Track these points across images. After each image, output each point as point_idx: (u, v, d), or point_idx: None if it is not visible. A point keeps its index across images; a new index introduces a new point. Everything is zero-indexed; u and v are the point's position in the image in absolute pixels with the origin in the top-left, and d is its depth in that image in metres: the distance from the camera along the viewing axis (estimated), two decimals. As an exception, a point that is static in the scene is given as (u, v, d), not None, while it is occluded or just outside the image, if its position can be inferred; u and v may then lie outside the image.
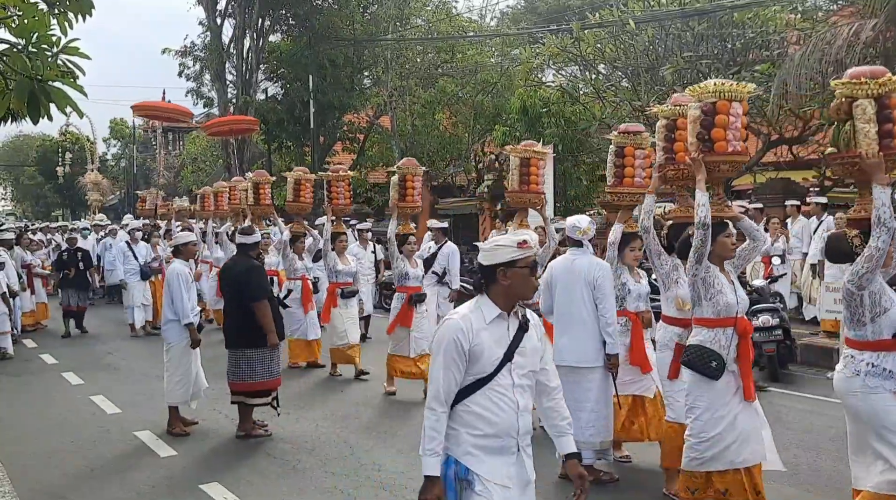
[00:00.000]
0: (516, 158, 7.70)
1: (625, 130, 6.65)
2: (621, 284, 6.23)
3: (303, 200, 11.19)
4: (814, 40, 12.28)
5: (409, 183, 9.16)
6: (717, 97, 4.99)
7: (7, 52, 4.22)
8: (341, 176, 10.55)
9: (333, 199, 10.37)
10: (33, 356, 12.22)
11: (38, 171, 57.08)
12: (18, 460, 6.95)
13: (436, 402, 3.34)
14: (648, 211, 5.68)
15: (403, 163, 9.56)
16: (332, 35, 25.14)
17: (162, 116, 21.19)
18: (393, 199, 9.22)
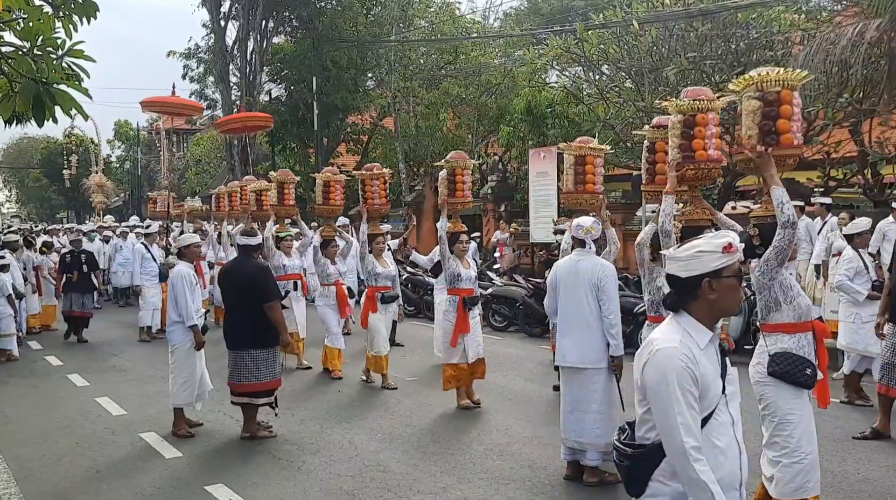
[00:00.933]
0: (570, 156, 7.02)
1: (658, 125, 6.19)
2: (657, 287, 5.76)
3: (332, 202, 10.63)
4: (818, 41, 12.27)
5: (458, 177, 8.64)
6: (781, 86, 4.69)
7: (12, 54, 4.23)
8: (376, 174, 10.02)
9: (368, 199, 9.92)
10: (39, 358, 12.25)
11: (42, 173, 57.28)
12: (24, 461, 6.97)
13: (696, 448, 2.71)
14: (669, 214, 5.32)
15: (453, 156, 8.89)
16: (335, 37, 25.20)
17: (171, 112, 20.46)
18: (442, 195, 8.71)
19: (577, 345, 6.03)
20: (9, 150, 65.70)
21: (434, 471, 6.40)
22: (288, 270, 10.72)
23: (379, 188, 9.91)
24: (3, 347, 11.93)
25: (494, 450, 6.94)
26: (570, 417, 6.03)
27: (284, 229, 11.25)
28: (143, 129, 49.22)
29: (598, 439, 5.90)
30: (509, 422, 7.73)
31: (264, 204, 12.04)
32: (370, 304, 9.43)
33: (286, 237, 10.95)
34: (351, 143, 28.59)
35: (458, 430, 7.61)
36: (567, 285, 6.12)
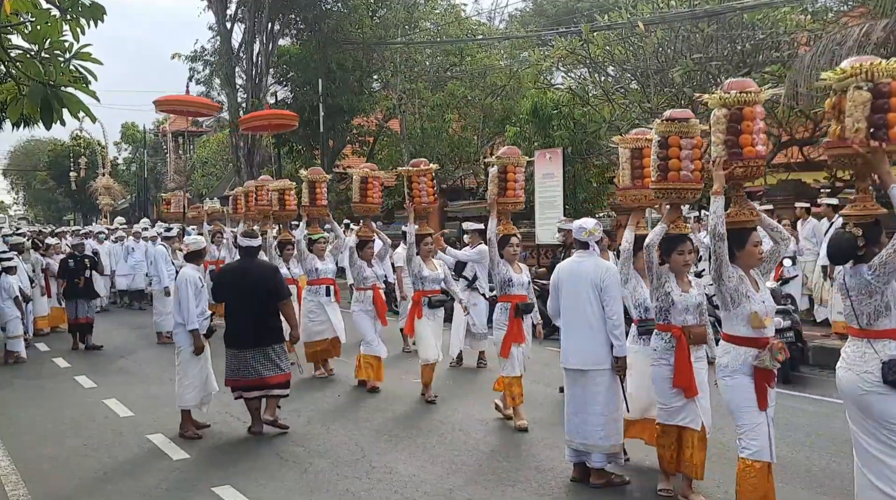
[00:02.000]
0: (626, 149, 6.18)
1: (671, 117, 5.59)
2: (665, 293, 5.50)
3: (370, 200, 9.83)
4: (824, 41, 12.25)
5: (510, 175, 7.86)
6: (892, 78, 4.36)
7: (20, 57, 4.25)
8: (423, 170, 9.17)
9: (415, 197, 9.13)
10: (46, 360, 12.29)
11: (49, 175, 57.48)
12: (33, 462, 7.01)
13: None
14: (721, 215, 4.88)
15: (504, 152, 8.12)
16: (341, 39, 25.23)
17: (186, 111, 19.50)
18: (491, 194, 7.90)
19: (579, 346, 6.01)
20: (16, 152, 65.97)
21: (440, 473, 6.40)
22: (321, 274, 10.28)
23: (426, 185, 9.16)
24: (11, 348, 12.00)
25: (500, 452, 6.94)
26: (575, 419, 6.02)
27: (317, 231, 10.77)
28: (149, 131, 49.40)
29: (603, 441, 5.88)
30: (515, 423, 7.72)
31: (287, 204, 11.54)
32: (416, 309, 8.91)
33: (319, 240, 10.49)
34: (357, 145, 28.62)
35: (465, 432, 7.61)
36: (569, 287, 6.11)
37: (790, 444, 6.92)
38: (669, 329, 5.52)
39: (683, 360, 5.44)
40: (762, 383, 4.89)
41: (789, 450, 6.75)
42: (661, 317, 5.57)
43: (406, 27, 25.65)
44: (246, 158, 26.76)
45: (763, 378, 4.89)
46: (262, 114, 21.60)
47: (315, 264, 10.26)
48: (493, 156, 7.85)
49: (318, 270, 10.27)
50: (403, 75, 24.69)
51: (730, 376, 4.93)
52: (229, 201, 15.28)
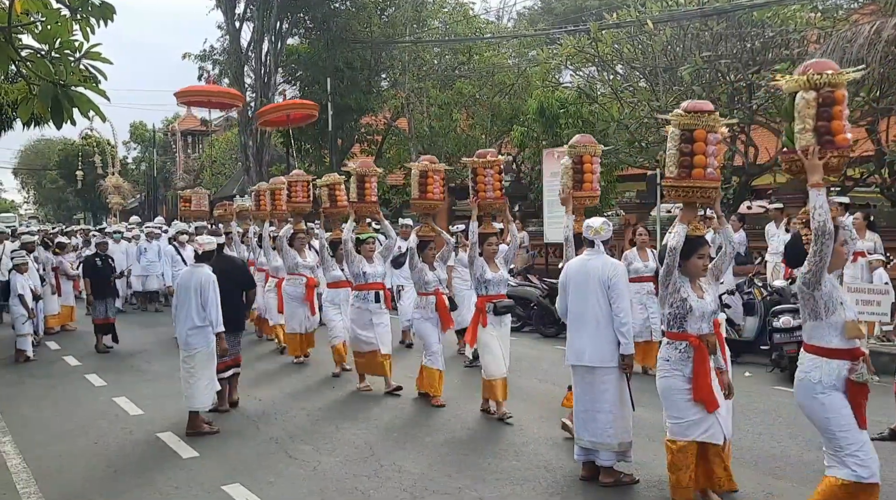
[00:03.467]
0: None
1: (697, 109, 5.22)
2: (681, 299, 5.22)
3: (431, 195, 8.93)
4: (834, 39, 12.19)
5: (586, 166, 7.14)
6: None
7: (31, 57, 4.27)
8: (491, 162, 8.36)
9: (480, 191, 8.30)
10: (57, 359, 12.34)
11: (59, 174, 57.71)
12: (44, 460, 7.04)
13: None
14: (827, 210, 4.48)
15: (578, 140, 7.31)
16: (349, 38, 25.25)
17: (209, 103, 18.53)
18: (566, 188, 7.19)
19: (587, 344, 6.01)
20: (26, 151, 66.29)
21: (449, 471, 6.41)
22: (369, 277, 9.36)
23: (493, 179, 8.34)
24: (19, 347, 12.03)
25: (509, 450, 6.94)
26: (583, 417, 6.02)
27: (366, 230, 9.87)
28: (159, 130, 49.56)
29: (612, 439, 5.88)
30: (524, 422, 7.71)
31: (338, 200, 10.56)
32: (480, 316, 8.03)
33: (368, 240, 9.57)
34: (365, 143, 28.66)
35: (473, 430, 7.62)
36: (577, 285, 6.11)
37: (799, 443, 6.90)
38: (685, 338, 5.25)
39: (704, 372, 5.18)
40: (858, 399, 4.52)
41: (799, 450, 6.74)
42: (674, 325, 5.30)
43: (414, 26, 25.64)
44: (255, 157, 26.83)
45: (858, 394, 4.52)
46: (279, 105, 20.31)
47: (363, 267, 9.38)
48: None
49: (367, 273, 9.37)
50: (411, 74, 24.70)
51: (824, 393, 4.53)
52: (252, 197, 14.45)
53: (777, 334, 9.48)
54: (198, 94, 18.06)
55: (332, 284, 10.43)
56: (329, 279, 10.44)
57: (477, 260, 8.10)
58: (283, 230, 11.52)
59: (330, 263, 10.22)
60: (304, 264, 11.29)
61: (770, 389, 8.96)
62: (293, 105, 19.72)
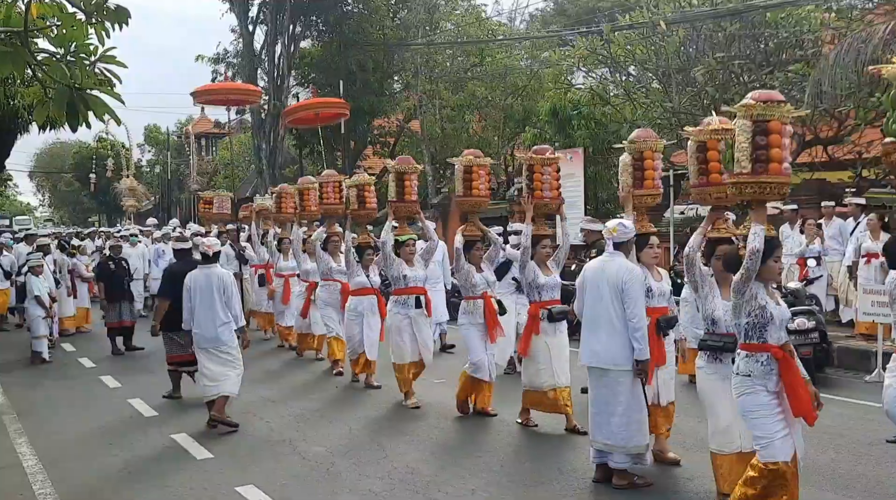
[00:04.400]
0: (693, 142, 5.64)
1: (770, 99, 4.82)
2: (760, 307, 4.76)
3: (477, 192, 8.33)
4: (849, 39, 12.12)
5: (647, 162, 6.69)
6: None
7: (47, 61, 4.29)
8: (549, 159, 7.77)
9: (536, 190, 7.69)
10: (72, 360, 12.42)
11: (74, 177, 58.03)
12: (59, 461, 7.09)
13: None
14: None
15: (639, 135, 6.85)
16: (362, 40, 25.29)
17: (227, 100, 17.75)
18: (626, 186, 6.80)
19: (601, 346, 5.99)
20: (42, 155, 66.73)
21: (463, 473, 6.40)
22: (409, 281, 8.72)
23: (551, 177, 7.75)
24: (35, 349, 12.10)
25: (523, 452, 6.93)
26: (597, 419, 6.01)
27: (405, 232, 9.19)
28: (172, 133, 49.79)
29: (626, 441, 5.85)
30: (538, 424, 7.69)
31: (367, 202, 9.96)
32: (534, 324, 7.48)
33: (408, 242, 8.94)
34: (377, 145, 28.72)
35: (487, 432, 7.61)
36: (592, 287, 6.09)
37: (815, 446, 6.84)
38: (766, 349, 4.78)
39: (799, 384, 4.77)
40: None
41: (814, 452, 6.68)
42: (754, 335, 4.80)
43: (427, 28, 25.67)
44: (268, 160, 26.92)
45: None
46: (308, 103, 19.38)
47: (403, 271, 8.72)
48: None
49: (407, 277, 8.72)
50: (424, 76, 24.72)
51: None
52: (272, 198, 13.78)
53: (792, 335, 9.37)
54: (215, 92, 17.59)
55: (356, 291, 9.82)
56: (354, 285, 9.87)
57: (529, 264, 7.61)
58: (316, 234, 11.10)
59: (356, 268, 9.74)
60: (339, 269, 10.54)
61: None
62: (323, 103, 18.79)
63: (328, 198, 10.99)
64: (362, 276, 9.74)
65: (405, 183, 8.96)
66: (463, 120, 25.06)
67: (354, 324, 9.71)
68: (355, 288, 9.82)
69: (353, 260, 9.69)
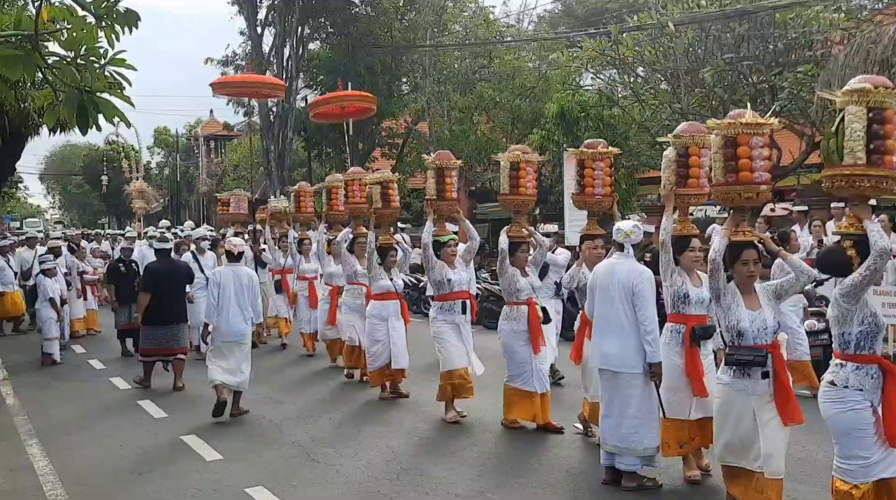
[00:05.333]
0: (719, 138, 5.33)
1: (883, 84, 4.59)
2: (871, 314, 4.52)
3: (523, 190, 7.77)
4: (858, 40, 12.08)
5: (693, 159, 6.14)
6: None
7: (57, 64, 4.31)
8: (602, 153, 7.21)
9: (587, 186, 7.25)
10: (82, 362, 12.46)
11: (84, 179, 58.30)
12: (69, 463, 7.11)
13: None
14: None
15: (685, 129, 6.27)
16: (370, 42, 25.36)
17: (247, 92, 17.12)
18: (669, 184, 6.16)
19: (612, 349, 5.96)
20: (52, 157, 67.06)
21: (472, 475, 6.40)
22: (454, 285, 8.12)
23: (603, 173, 7.20)
24: (46, 351, 12.16)
25: (532, 454, 6.92)
26: (608, 421, 5.99)
27: (445, 232, 8.50)
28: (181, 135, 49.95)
29: (636, 444, 5.84)
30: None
31: (391, 200, 9.51)
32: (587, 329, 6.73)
33: (449, 242, 8.31)
34: (386, 147, 28.76)
35: (496, 434, 7.60)
36: (603, 289, 6.05)
37: (825, 448, 6.81)
38: (876, 361, 4.48)
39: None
40: None
41: (824, 454, 6.65)
42: (866, 345, 4.49)
43: (435, 30, 25.69)
44: (276, 162, 26.99)
45: None
46: (334, 96, 17.87)
47: (446, 274, 8.14)
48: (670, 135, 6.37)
49: (451, 280, 8.13)
50: (432, 78, 24.74)
51: None
52: (291, 199, 13.22)
53: (802, 337, 9.38)
54: (236, 84, 16.89)
55: (379, 295, 9.18)
56: (376, 290, 9.22)
57: (576, 266, 7.28)
58: (342, 234, 10.42)
59: (378, 271, 9.17)
60: (364, 273, 9.89)
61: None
62: (349, 97, 17.66)
63: (354, 197, 10.44)
64: (385, 279, 9.15)
65: (446, 180, 8.36)
66: (471, 122, 25.07)
67: (378, 330, 9.08)
68: (378, 292, 9.20)
69: (376, 262, 9.17)
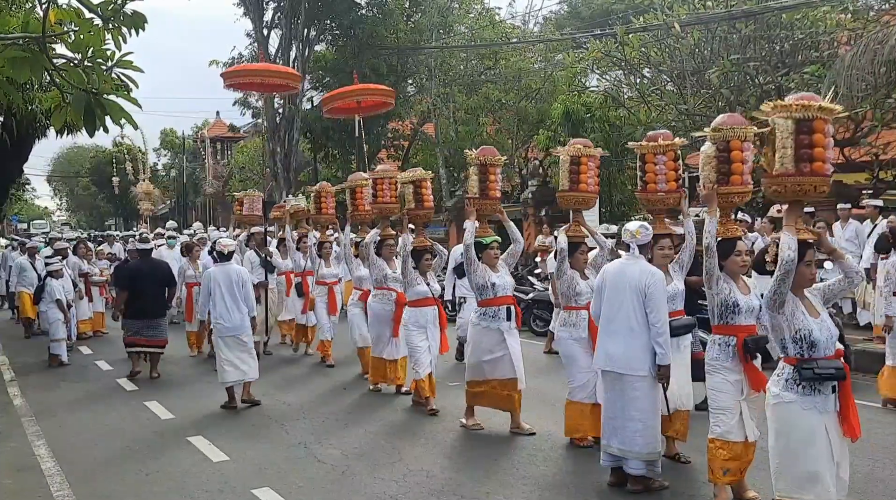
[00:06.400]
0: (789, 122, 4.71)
1: None
2: None
3: (584, 187, 7.21)
4: (865, 40, 12.06)
5: (735, 154, 5.58)
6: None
7: (64, 66, 4.33)
8: (665, 146, 6.66)
9: (649, 183, 6.77)
10: (89, 363, 12.50)
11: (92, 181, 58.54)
12: (77, 464, 7.13)
13: None
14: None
15: (724, 121, 5.66)
16: (376, 44, 25.36)
17: (262, 84, 15.27)
18: (709, 183, 5.64)
19: (617, 350, 5.92)
20: (59, 159, 67.33)
21: (478, 476, 6.40)
22: (498, 290, 7.56)
23: (667, 167, 6.70)
24: (53, 352, 12.20)
25: (538, 456, 6.92)
26: (612, 424, 5.94)
27: (488, 233, 7.88)
28: (188, 137, 50.10)
29: (642, 448, 5.80)
30: (552, 428, 7.67)
31: (424, 200, 8.94)
32: None
33: (492, 244, 7.72)
34: (391, 149, 28.78)
35: (501, 436, 7.60)
36: (612, 289, 6.00)
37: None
38: None
39: None
40: None
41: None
42: None
43: (440, 31, 25.71)
44: (282, 163, 27.02)
45: None
46: (349, 90, 16.30)
47: (490, 278, 7.56)
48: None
49: (496, 285, 7.55)
50: (438, 79, 24.77)
51: None
52: (310, 198, 12.50)
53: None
54: (249, 73, 15.35)
55: (415, 301, 8.63)
56: (412, 296, 8.64)
57: (569, 271, 7.03)
58: (370, 236, 9.72)
59: (413, 276, 8.60)
60: (394, 277, 9.33)
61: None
62: (365, 90, 16.45)
63: (383, 196, 9.75)
64: (422, 284, 8.59)
65: (489, 177, 7.77)
66: (477, 123, 25.07)
67: (417, 337, 8.53)
68: (414, 298, 8.61)
69: (411, 267, 8.57)
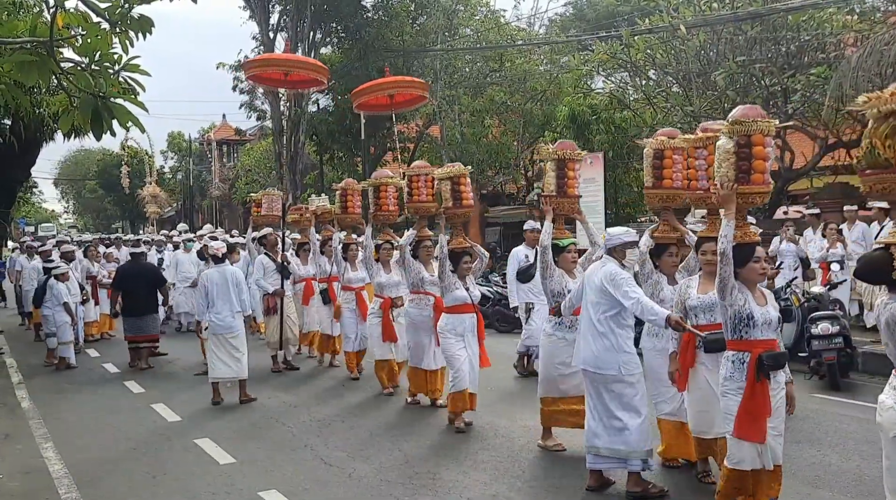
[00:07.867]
0: None
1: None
2: None
3: (668, 183, 6.35)
4: (871, 42, 12.04)
5: (757, 149, 5.02)
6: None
7: (72, 70, 4.35)
8: (705, 139, 6.07)
9: (694, 180, 6.30)
10: (96, 366, 12.54)
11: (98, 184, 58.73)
12: (84, 466, 7.15)
13: None
14: None
15: (744, 113, 5.02)
16: (381, 47, 25.42)
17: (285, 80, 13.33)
18: (727, 181, 4.98)
19: (586, 349, 5.97)
20: (66, 162, 67.57)
21: (484, 478, 6.40)
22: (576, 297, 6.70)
23: (707, 163, 6.05)
24: (61, 354, 12.24)
25: (545, 458, 6.91)
26: (591, 424, 5.98)
27: (565, 235, 7.20)
28: (195, 140, 50.22)
29: (639, 445, 5.78)
30: (559, 430, 7.66)
31: (464, 199, 8.40)
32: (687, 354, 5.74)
33: (569, 247, 7.05)
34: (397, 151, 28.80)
35: (509, 438, 7.60)
36: (587, 290, 6.09)
37: (840, 452, 6.79)
38: None
39: None
40: None
41: (839, 458, 6.63)
42: None
43: (446, 34, 25.74)
44: (289, 166, 27.09)
45: None
46: (380, 83, 14.31)
47: (567, 284, 6.83)
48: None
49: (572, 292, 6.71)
50: (443, 82, 24.79)
51: None
52: (336, 198, 11.42)
53: (815, 340, 9.36)
54: (273, 63, 13.53)
55: (452, 307, 8.02)
56: (450, 301, 8.04)
57: (654, 274, 6.40)
58: (405, 237, 9.09)
59: (452, 280, 8.00)
60: (431, 280, 8.67)
61: (808, 396, 8.82)
62: (398, 83, 14.64)
63: (419, 195, 8.97)
64: (460, 289, 7.98)
65: (568, 173, 7.06)
66: (482, 125, 25.09)
67: (455, 346, 7.92)
68: (452, 304, 8.02)
69: (448, 270, 8.01)
